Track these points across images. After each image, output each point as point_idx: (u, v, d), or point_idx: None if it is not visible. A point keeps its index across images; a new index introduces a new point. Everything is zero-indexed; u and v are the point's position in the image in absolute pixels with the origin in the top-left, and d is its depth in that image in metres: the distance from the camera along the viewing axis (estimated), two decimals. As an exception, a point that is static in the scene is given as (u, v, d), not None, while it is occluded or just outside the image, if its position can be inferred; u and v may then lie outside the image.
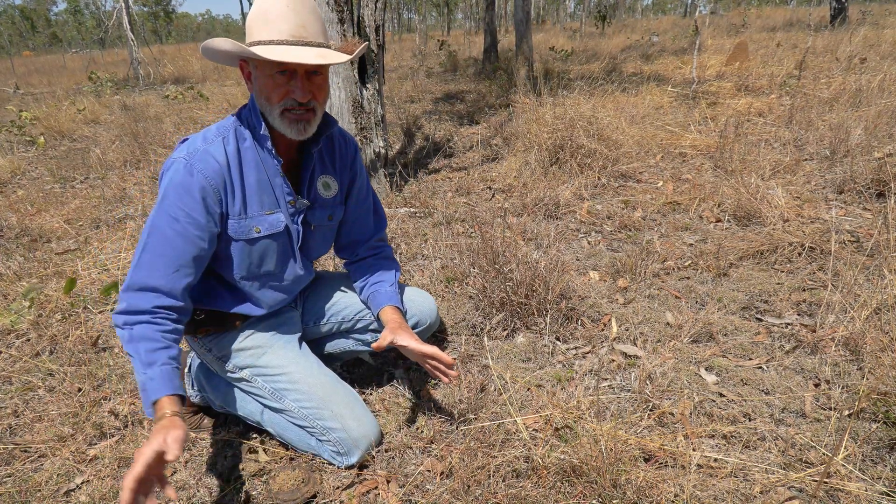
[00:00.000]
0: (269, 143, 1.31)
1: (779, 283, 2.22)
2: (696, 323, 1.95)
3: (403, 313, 1.53)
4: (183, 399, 1.19)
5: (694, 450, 1.42)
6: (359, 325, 1.65)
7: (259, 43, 1.22)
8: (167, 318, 1.24)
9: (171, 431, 1.06)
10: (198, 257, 1.29)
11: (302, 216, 1.44)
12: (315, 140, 1.40)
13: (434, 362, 1.40)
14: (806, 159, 3.63)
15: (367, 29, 3.24)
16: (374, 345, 1.41)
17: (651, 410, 1.58)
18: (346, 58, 1.25)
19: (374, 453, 1.46)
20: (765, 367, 1.75)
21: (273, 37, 1.20)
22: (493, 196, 3.50)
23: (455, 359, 1.40)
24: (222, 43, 1.21)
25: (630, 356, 1.85)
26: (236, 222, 1.33)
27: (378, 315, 1.51)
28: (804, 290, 2.17)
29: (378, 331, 1.63)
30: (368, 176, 1.62)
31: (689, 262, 2.45)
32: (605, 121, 3.95)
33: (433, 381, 1.77)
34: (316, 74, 1.27)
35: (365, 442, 1.41)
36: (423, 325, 1.66)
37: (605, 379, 1.75)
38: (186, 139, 1.33)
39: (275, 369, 1.43)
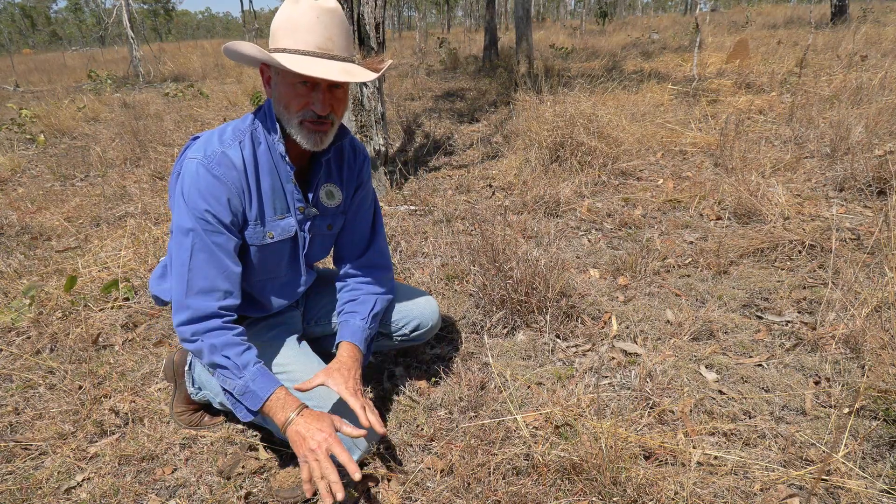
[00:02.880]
0: (282, 150, 1.31)
1: (779, 281, 2.22)
2: (696, 321, 1.95)
3: (362, 353, 1.45)
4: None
5: (694, 447, 1.42)
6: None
7: (284, 51, 1.19)
8: (232, 319, 1.29)
9: (324, 421, 1.20)
10: (237, 249, 1.32)
11: (309, 223, 1.44)
12: (326, 149, 1.39)
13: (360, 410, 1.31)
14: (806, 157, 3.62)
15: (367, 26, 3.24)
16: (297, 385, 1.32)
17: (651, 408, 1.58)
18: (372, 76, 1.23)
19: (374, 451, 1.47)
20: (765, 365, 1.75)
21: (299, 46, 1.18)
22: (493, 194, 3.50)
23: (384, 429, 1.30)
24: (249, 48, 1.19)
25: (630, 354, 1.85)
26: (252, 228, 1.33)
27: (336, 345, 1.45)
28: (804, 287, 2.17)
29: (380, 332, 1.63)
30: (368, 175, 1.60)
31: (690, 259, 2.45)
32: (606, 118, 3.95)
33: (434, 379, 1.78)
34: (337, 88, 1.26)
35: (365, 440, 1.41)
36: (425, 327, 1.65)
37: (606, 377, 1.75)
38: (198, 136, 1.32)
39: (275, 367, 1.42)
